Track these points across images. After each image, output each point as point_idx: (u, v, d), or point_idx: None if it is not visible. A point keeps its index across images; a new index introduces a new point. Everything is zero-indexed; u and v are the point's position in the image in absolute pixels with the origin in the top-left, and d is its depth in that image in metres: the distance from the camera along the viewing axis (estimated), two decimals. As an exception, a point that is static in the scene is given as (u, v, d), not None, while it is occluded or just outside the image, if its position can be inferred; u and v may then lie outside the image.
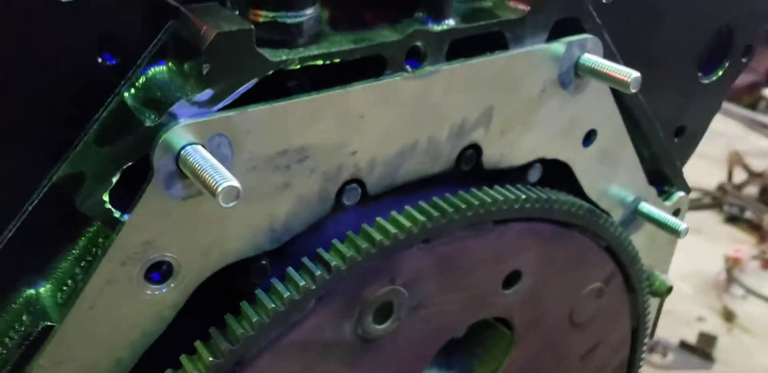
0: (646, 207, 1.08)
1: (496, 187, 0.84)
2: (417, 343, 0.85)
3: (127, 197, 0.62)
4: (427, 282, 0.81)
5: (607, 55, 0.87)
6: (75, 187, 0.62)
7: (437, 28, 0.74)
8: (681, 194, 1.17)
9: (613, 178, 1.02)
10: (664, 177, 1.14)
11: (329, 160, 0.71)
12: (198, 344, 0.68)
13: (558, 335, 1.02)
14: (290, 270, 0.71)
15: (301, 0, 0.67)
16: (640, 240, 1.13)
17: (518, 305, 0.93)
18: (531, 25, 0.81)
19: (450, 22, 0.75)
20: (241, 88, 0.63)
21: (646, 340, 1.30)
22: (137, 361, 0.68)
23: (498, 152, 0.85)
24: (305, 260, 0.72)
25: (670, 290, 1.22)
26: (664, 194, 1.16)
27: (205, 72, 0.61)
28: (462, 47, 0.77)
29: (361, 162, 0.74)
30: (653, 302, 1.27)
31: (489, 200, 0.80)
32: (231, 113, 0.63)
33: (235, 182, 0.58)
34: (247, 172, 0.66)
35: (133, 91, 0.63)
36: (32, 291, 0.66)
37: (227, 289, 0.71)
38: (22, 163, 0.62)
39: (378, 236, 0.73)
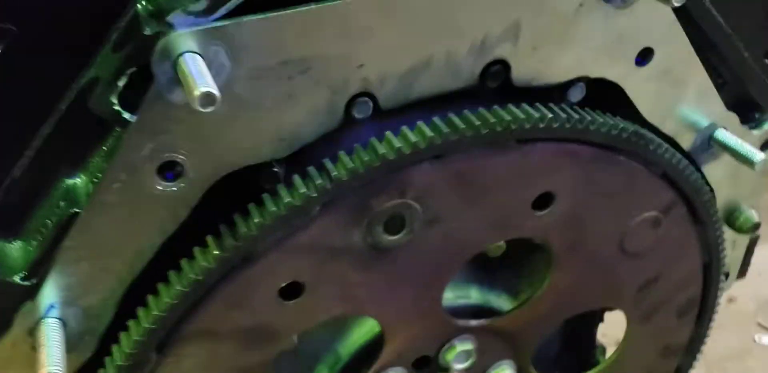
0: (721, 134, 1.00)
1: (522, 104, 0.82)
2: (436, 257, 0.87)
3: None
4: (443, 198, 0.82)
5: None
6: (93, 90, 0.70)
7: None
8: (774, 123, 1.07)
9: (678, 101, 0.95)
10: (752, 103, 1.05)
11: (334, 72, 0.73)
12: (210, 238, 0.75)
13: (608, 262, 1.00)
14: (296, 177, 0.75)
15: None
16: (721, 170, 1.06)
17: (555, 227, 0.92)
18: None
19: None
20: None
21: (727, 278, 1.24)
22: (157, 251, 0.76)
23: (530, 69, 0.83)
24: (311, 169, 0.76)
25: (756, 226, 1.14)
26: (753, 121, 1.07)
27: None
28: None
29: (370, 75, 0.75)
30: (740, 239, 1.19)
31: (508, 117, 0.79)
32: (225, 23, 0.66)
33: (211, 88, 0.62)
34: (248, 81, 0.70)
35: (144, 1, 0.68)
36: (70, 181, 0.75)
37: (242, 192, 0.77)
38: (55, 67, 0.70)
39: (382, 150, 0.75)
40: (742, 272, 1.29)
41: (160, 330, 0.76)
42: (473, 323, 0.99)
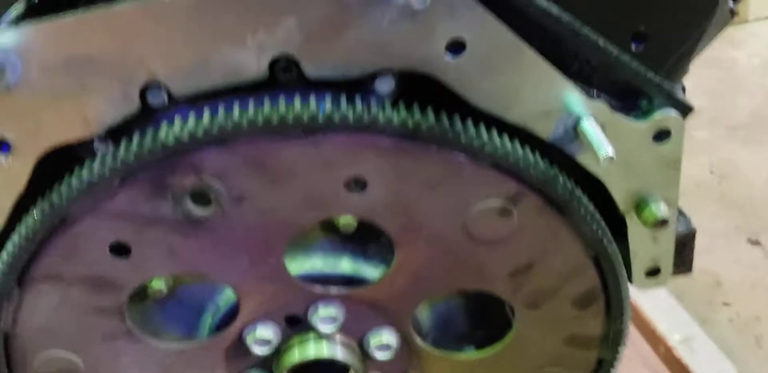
0: (584, 124, 0.97)
1: (308, 97, 0.88)
2: (259, 230, 0.97)
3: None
4: (242, 178, 0.92)
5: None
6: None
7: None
8: (669, 112, 1.00)
9: (516, 91, 0.94)
10: (636, 90, 0.99)
11: (115, 67, 0.86)
12: (34, 205, 0.93)
13: (457, 247, 1.03)
14: (99, 152, 0.90)
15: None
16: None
17: (378, 210, 0.98)
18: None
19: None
20: (14, 9, 0.81)
21: (658, 274, 1.19)
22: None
23: (317, 64, 0.88)
24: (112, 146, 0.90)
25: (661, 222, 1.08)
26: (640, 110, 1.01)
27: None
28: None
29: (154, 69, 0.87)
30: (662, 233, 1.14)
31: (282, 108, 0.86)
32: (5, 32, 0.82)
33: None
34: (41, 74, 0.85)
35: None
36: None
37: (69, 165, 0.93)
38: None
39: (163, 134, 0.87)
40: (685, 267, 1.21)
41: (13, 269, 0.96)
42: (333, 291, 1.08)
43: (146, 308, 1.11)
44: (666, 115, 1.00)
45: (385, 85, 0.92)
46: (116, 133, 0.92)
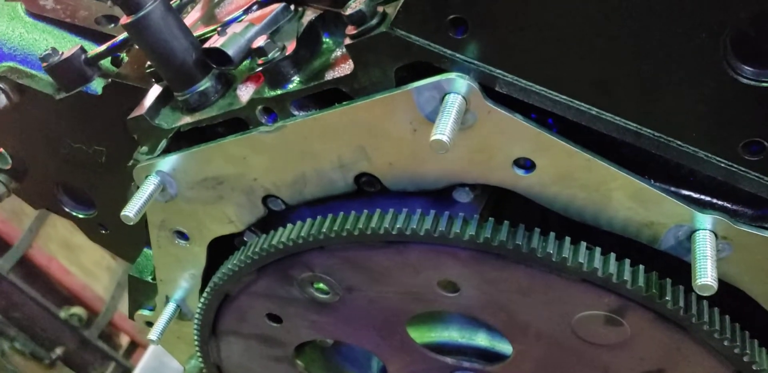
0: (697, 236, 0.86)
1: (391, 211, 0.94)
2: (375, 312, 1.07)
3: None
4: (345, 275, 1.03)
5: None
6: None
7: (272, 93, 0.91)
8: None
9: (603, 207, 0.88)
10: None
11: (238, 183, 1.02)
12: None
13: (571, 346, 1.00)
14: (243, 247, 1.09)
15: (185, 82, 0.98)
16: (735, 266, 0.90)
17: (476, 309, 1.00)
18: (365, 78, 0.85)
19: (289, 86, 0.90)
20: (161, 144, 1.02)
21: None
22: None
23: (396, 179, 0.94)
24: (249, 243, 1.08)
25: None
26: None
27: (136, 137, 1.04)
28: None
29: (266, 184, 1.01)
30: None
31: (360, 224, 0.94)
32: (156, 160, 1.04)
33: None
34: (188, 189, 1.06)
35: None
36: None
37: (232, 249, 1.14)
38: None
39: (276, 239, 1.02)
40: None
41: (206, 324, 1.22)
42: (465, 364, 1.14)
43: (325, 352, 1.31)
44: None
45: (463, 197, 0.93)
46: (266, 228, 1.10)
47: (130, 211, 1.00)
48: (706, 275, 0.82)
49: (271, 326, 1.17)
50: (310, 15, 0.98)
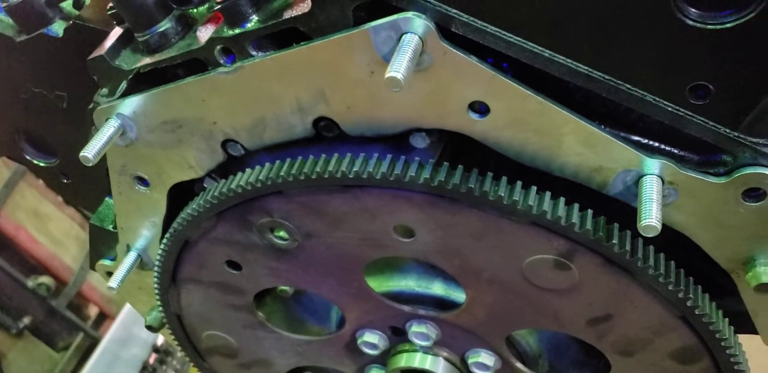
0: (641, 182, 0.88)
1: (348, 155, 0.95)
2: (334, 259, 1.09)
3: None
4: (304, 220, 1.04)
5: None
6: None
7: (231, 32, 0.91)
8: (758, 169, 0.85)
9: (556, 150, 0.89)
10: (711, 145, 0.86)
11: (198, 127, 1.03)
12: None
13: (522, 291, 1.03)
14: (202, 193, 1.10)
15: (145, 23, 0.97)
16: (683, 214, 0.93)
17: (431, 254, 1.02)
18: (323, 17, 0.85)
19: (248, 25, 0.90)
20: (121, 86, 1.02)
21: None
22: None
23: (354, 123, 0.95)
24: (208, 188, 1.09)
25: (762, 286, 0.94)
26: (722, 167, 0.88)
27: (96, 78, 1.03)
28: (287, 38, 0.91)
29: (225, 129, 1.02)
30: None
31: (321, 165, 0.95)
32: (116, 102, 1.03)
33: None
34: (148, 133, 1.06)
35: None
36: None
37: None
38: None
39: (235, 183, 1.03)
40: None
41: (166, 271, 1.22)
42: (421, 311, 1.16)
43: (286, 303, 1.32)
44: (754, 172, 0.85)
45: (420, 142, 0.94)
46: (225, 174, 1.10)
47: (90, 152, 1.00)
48: (650, 217, 0.84)
49: (230, 273, 1.18)
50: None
